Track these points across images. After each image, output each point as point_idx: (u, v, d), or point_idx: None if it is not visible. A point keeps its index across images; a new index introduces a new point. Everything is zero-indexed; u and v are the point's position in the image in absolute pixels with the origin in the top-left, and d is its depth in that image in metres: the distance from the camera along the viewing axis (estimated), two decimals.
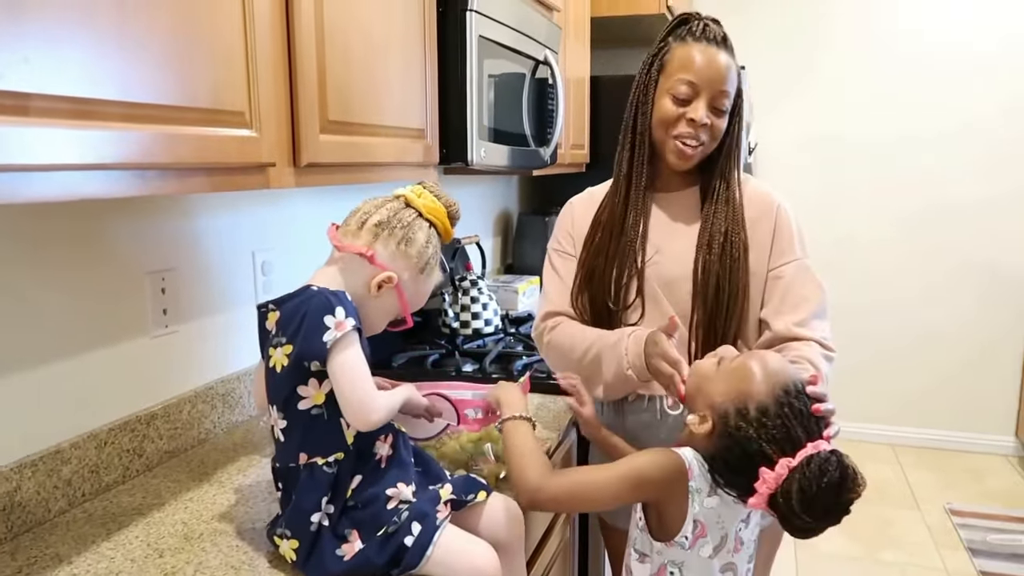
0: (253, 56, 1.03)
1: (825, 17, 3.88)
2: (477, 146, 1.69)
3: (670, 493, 1.06)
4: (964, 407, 3.96)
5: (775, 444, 1.00)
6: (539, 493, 1.06)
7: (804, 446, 0.99)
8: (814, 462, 0.97)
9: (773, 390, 1.03)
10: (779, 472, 0.98)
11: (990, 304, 3.87)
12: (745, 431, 1.02)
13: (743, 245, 1.35)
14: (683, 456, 1.07)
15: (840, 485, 0.96)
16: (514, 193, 3.37)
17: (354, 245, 1.04)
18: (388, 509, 0.98)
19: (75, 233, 1.21)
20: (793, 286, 1.35)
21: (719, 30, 1.36)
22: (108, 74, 0.80)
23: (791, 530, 1.00)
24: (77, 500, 1.20)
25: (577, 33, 2.76)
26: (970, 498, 3.43)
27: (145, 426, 1.33)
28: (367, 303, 1.05)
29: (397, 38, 1.42)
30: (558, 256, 1.51)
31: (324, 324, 0.95)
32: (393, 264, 1.05)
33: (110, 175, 0.84)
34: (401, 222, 1.05)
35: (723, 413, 1.05)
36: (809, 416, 1.03)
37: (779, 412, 1.02)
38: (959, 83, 3.76)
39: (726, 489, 1.06)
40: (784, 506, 0.97)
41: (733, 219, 1.36)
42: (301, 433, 0.99)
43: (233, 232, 1.56)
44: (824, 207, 3.97)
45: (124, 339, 1.31)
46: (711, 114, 1.33)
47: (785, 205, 1.41)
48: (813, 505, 0.96)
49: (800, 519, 0.97)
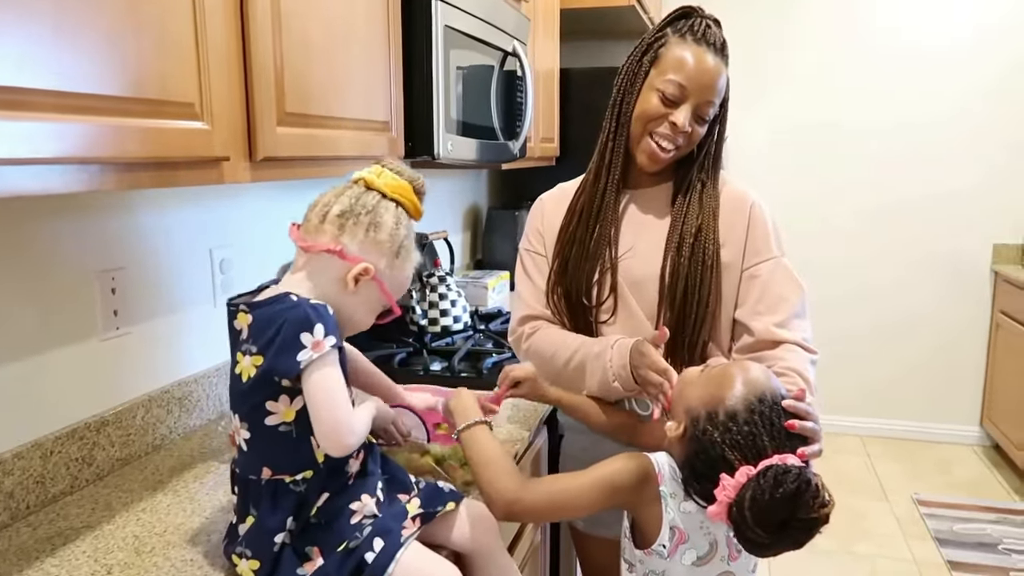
0: (204, 44, 0.98)
1: (799, 7, 3.88)
2: (444, 139, 1.64)
3: (641, 498, 1.03)
4: (930, 397, 4.01)
5: (738, 450, 0.96)
6: (516, 504, 1.01)
7: (769, 456, 0.95)
8: (771, 471, 0.92)
9: (746, 397, 1.00)
10: (738, 480, 0.94)
11: (954, 295, 3.92)
12: (711, 435, 0.99)
13: (715, 246, 1.32)
14: (653, 460, 1.04)
15: (795, 499, 0.90)
16: (483, 187, 3.32)
17: (320, 242, 0.95)
18: (351, 524, 0.94)
19: (15, 231, 1.14)
20: (770, 285, 1.31)
21: (719, 35, 1.31)
22: (41, 61, 0.74)
23: (745, 544, 0.95)
24: (20, 513, 1.14)
25: (546, 25, 2.72)
26: (937, 488, 3.47)
27: (95, 433, 1.27)
28: (347, 301, 0.97)
29: (359, 27, 1.36)
30: (529, 256, 1.47)
31: (300, 342, 0.87)
32: (365, 254, 0.96)
33: (46, 169, 0.79)
34: (365, 207, 0.96)
35: (695, 417, 1.02)
36: (780, 429, 0.98)
37: (748, 419, 0.98)
38: (924, 77, 3.79)
39: (694, 498, 1.03)
40: (738, 516, 0.93)
41: (706, 219, 1.32)
42: (266, 448, 0.93)
43: (189, 229, 1.50)
44: (792, 200, 3.98)
45: (72, 342, 1.25)
46: (694, 121, 1.30)
47: (760, 203, 1.37)
48: (765, 517, 0.91)
49: (752, 531, 0.92)
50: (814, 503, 0.91)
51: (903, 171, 3.88)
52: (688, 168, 1.37)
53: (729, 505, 0.93)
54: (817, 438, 1.01)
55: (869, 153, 3.91)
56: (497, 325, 2.26)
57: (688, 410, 1.04)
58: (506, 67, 2.06)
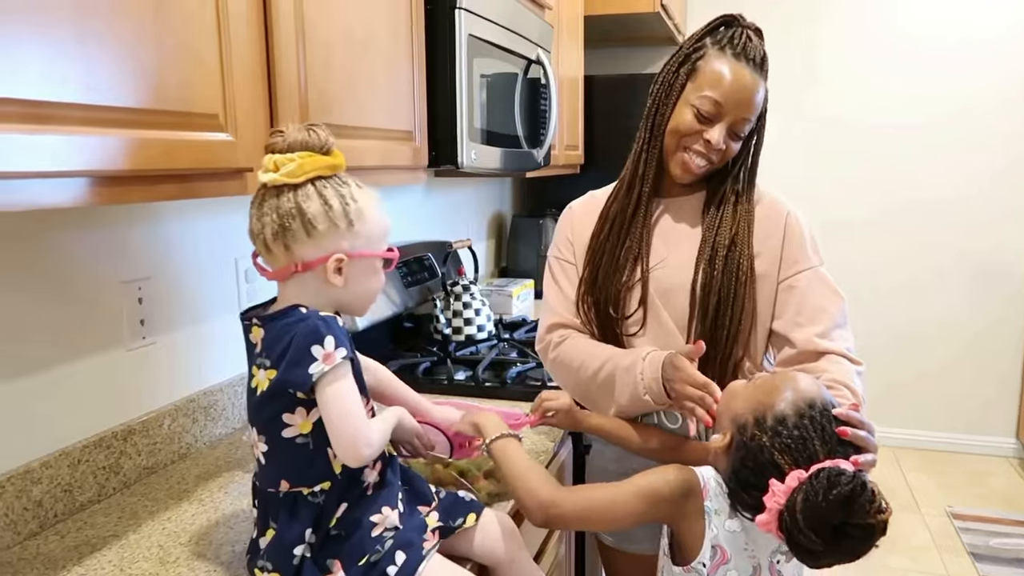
0: (228, 55, 0.98)
1: (823, 6, 3.84)
2: (468, 148, 1.64)
3: (683, 512, 1.00)
4: (964, 409, 3.92)
5: (789, 454, 0.94)
6: (553, 508, 1.00)
7: (820, 460, 0.92)
8: (824, 473, 0.89)
9: (796, 402, 0.97)
10: (789, 484, 0.90)
11: (987, 299, 3.83)
12: (759, 439, 0.96)
13: (749, 259, 1.29)
14: (698, 474, 1.02)
15: (850, 502, 0.86)
16: (508, 195, 3.32)
17: (281, 268, 0.93)
18: (372, 537, 0.93)
19: (44, 242, 1.16)
20: (808, 296, 1.28)
21: (760, 47, 1.27)
22: (66, 75, 0.75)
23: (798, 553, 0.92)
24: (48, 522, 1.15)
25: (570, 32, 2.71)
26: (971, 501, 3.39)
27: (122, 442, 1.28)
28: (346, 291, 0.94)
29: (383, 37, 1.37)
30: (558, 264, 1.45)
31: (311, 355, 0.87)
32: (324, 249, 0.91)
33: (72, 182, 0.79)
34: (288, 215, 0.89)
35: (742, 424, 1.00)
36: (832, 435, 0.96)
37: (797, 423, 0.96)
38: (950, 73, 3.71)
39: (741, 511, 1.00)
40: (789, 520, 0.89)
41: (740, 231, 1.30)
42: (284, 460, 0.93)
43: (214, 239, 1.51)
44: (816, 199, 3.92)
45: (99, 352, 1.26)
46: (728, 138, 1.27)
47: (796, 212, 1.34)
48: (819, 521, 0.87)
49: (805, 536, 0.88)
50: (870, 507, 0.88)
51: (933, 170, 3.80)
52: (723, 179, 1.34)
53: (780, 512, 0.90)
54: (871, 448, 0.98)
55: (897, 152, 3.83)
56: (522, 334, 2.25)
57: (735, 418, 1.02)
58: (530, 75, 2.05)
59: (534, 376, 1.83)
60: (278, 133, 0.92)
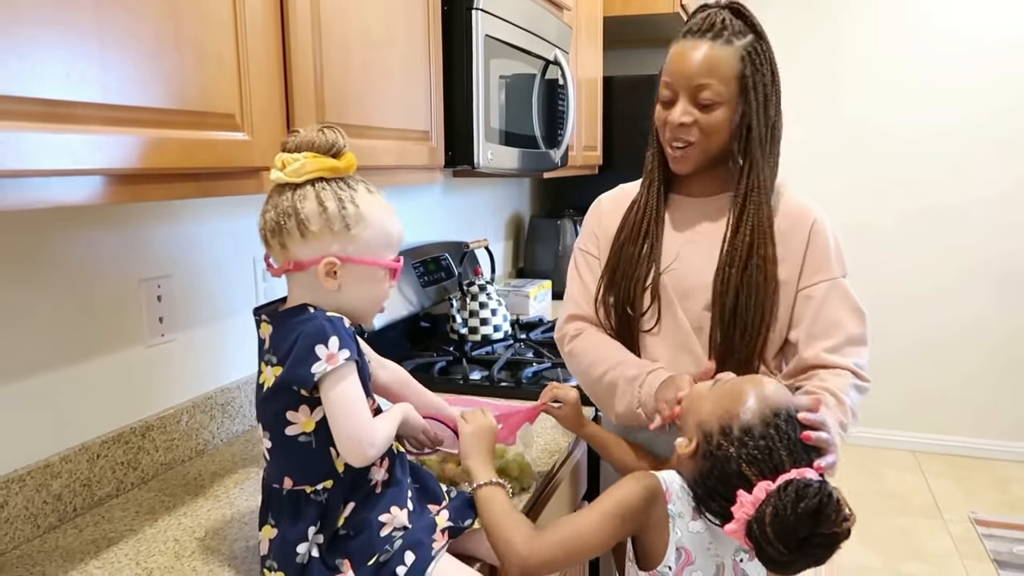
0: (245, 55, 0.99)
1: (849, 8, 3.80)
2: (484, 148, 1.64)
3: (648, 518, 1.00)
4: (989, 414, 3.87)
5: (755, 465, 0.94)
6: (529, 560, 0.96)
7: (787, 471, 0.93)
8: (792, 486, 0.90)
9: (762, 411, 0.98)
10: (756, 496, 0.91)
11: (1010, 303, 3.77)
12: (726, 449, 0.97)
13: (770, 261, 1.27)
14: (660, 478, 1.01)
15: (818, 514, 0.88)
16: (526, 195, 3.32)
17: (280, 266, 0.94)
18: (381, 536, 0.93)
19: (66, 239, 1.18)
20: (825, 308, 1.26)
21: (721, 16, 1.25)
22: (86, 75, 0.76)
23: (765, 562, 0.93)
24: (68, 516, 1.16)
25: (589, 32, 2.71)
26: (995, 507, 3.34)
27: (140, 438, 1.29)
28: (343, 295, 0.94)
29: (399, 37, 1.37)
30: (583, 256, 1.45)
31: (315, 354, 0.87)
32: (316, 252, 0.91)
33: (91, 181, 0.81)
34: (285, 214, 0.90)
35: (707, 432, 1.00)
36: (797, 442, 0.96)
37: (764, 432, 0.96)
38: (978, 75, 3.66)
39: (707, 516, 1.00)
40: (758, 532, 0.90)
41: (761, 231, 1.27)
42: (287, 457, 0.93)
43: (232, 236, 1.52)
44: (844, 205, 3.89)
45: (118, 349, 1.28)
46: (694, 109, 1.24)
47: (822, 219, 1.31)
48: (787, 533, 0.88)
49: (774, 547, 0.89)
50: (836, 517, 0.89)
51: (961, 174, 3.75)
52: (741, 176, 1.30)
53: (748, 522, 0.91)
54: (831, 449, 0.98)
55: (918, 156, 3.79)
56: (538, 334, 2.25)
57: (700, 424, 1.01)
58: (548, 76, 2.05)
59: (549, 376, 1.83)
60: (294, 132, 0.93)
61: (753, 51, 1.25)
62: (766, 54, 1.26)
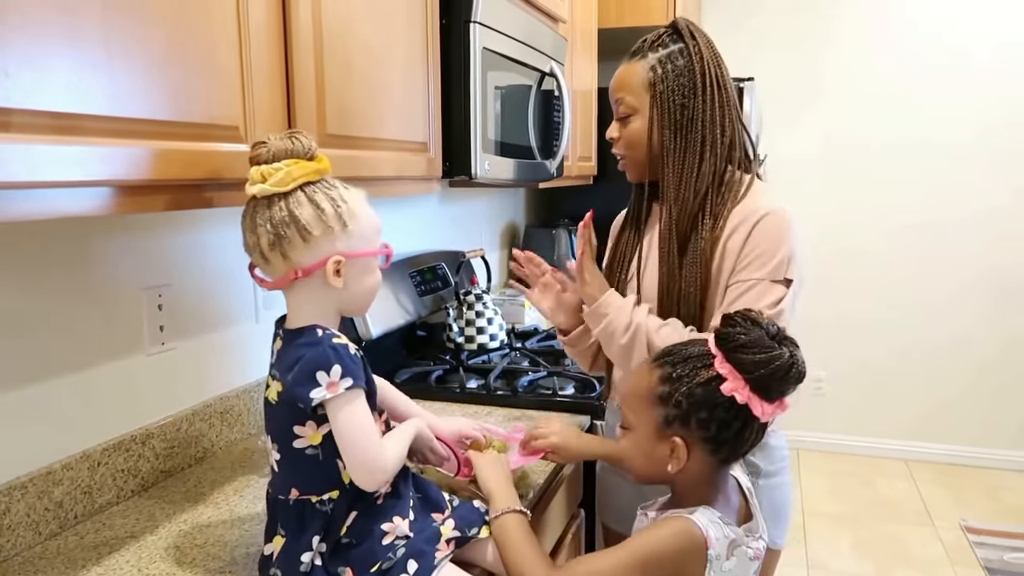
0: (249, 69, 1.01)
1: (837, 22, 3.85)
2: (481, 159, 1.66)
3: (683, 565, 0.96)
4: (980, 422, 3.90)
5: (694, 362, 1.00)
6: None
7: (713, 354, 0.99)
8: (724, 326, 0.99)
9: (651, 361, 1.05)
10: (722, 368, 0.96)
11: (1000, 315, 3.81)
12: (678, 396, 0.99)
13: (703, 262, 1.27)
14: (697, 523, 0.97)
15: (751, 316, 0.99)
16: (521, 205, 3.34)
17: (280, 277, 0.93)
18: (383, 545, 0.94)
19: (68, 248, 1.19)
20: (740, 302, 1.23)
21: (649, 36, 1.33)
22: (95, 88, 0.78)
23: (781, 381, 0.96)
24: (69, 523, 1.17)
25: (584, 44, 2.73)
26: (985, 515, 3.37)
27: (140, 445, 1.30)
28: (347, 292, 0.95)
29: (399, 50, 1.39)
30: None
31: (315, 380, 0.88)
32: (322, 253, 0.92)
33: (97, 192, 0.82)
34: (283, 223, 0.90)
35: (660, 419, 1.00)
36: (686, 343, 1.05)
37: (669, 353, 1.03)
38: (975, 89, 3.71)
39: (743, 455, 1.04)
40: (753, 370, 0.95)
41: (662, 240, 1.31)
42: (295, 469, 0.94)
43: (232, 246, 1.53)
44: (830, 216, 3.93)
45: (119, 357, 1.29)
46: (617, 124, 1.36)
47: (774, 217, 1.25)
48: (759, 343, 0.96)
49: (767, 359, 0.95)
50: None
51: (945, 188, 3.80)
52: (661, 182, 1.34)
53: (744, 380, 0.96)
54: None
55: (911, 170, 3.84)
56: (533, 343, 2.27)
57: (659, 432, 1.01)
58: (543, 87, 2.08)
59: (545, 385, 1.85)
60: (261, 144, 0.92)
61: (667, 59, 1.29)
62: (688, 62, 1.29)
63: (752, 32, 3.87)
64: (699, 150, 1.29)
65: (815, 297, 3.85)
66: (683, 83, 1.28)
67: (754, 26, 3.89)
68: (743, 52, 3.80)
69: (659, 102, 1.29)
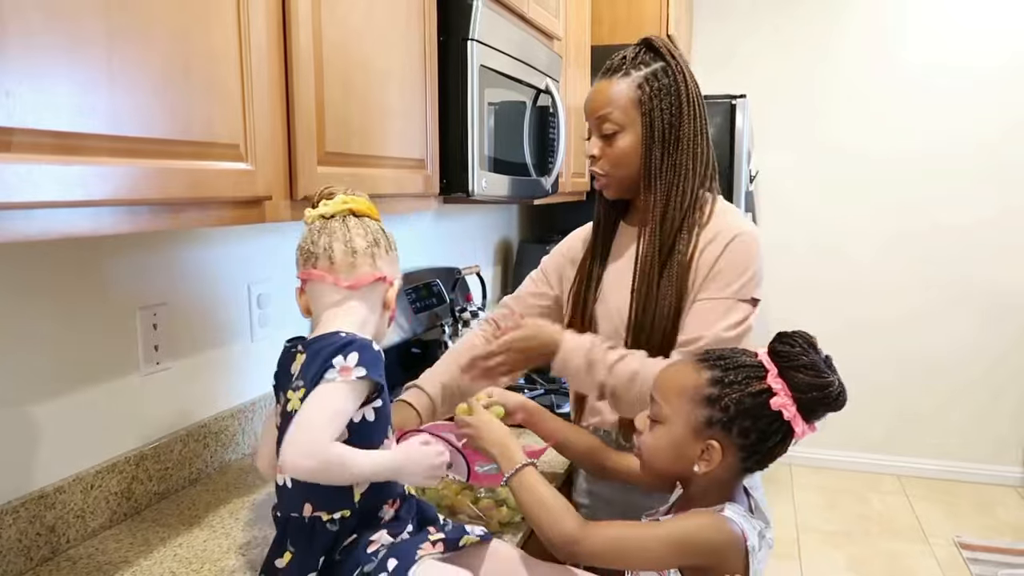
0: (249, 87, 1.00)
1: (828, 36, 3.89)
2: (478, 176, 1.66)
3: (724, 559, 0.96)
4: (973, 438, 3.91)
5: (745, 372, 0.99)
6: (579, 545, 0.97)
7: (757, 356, 1.00)
8: (779, 342, 0.99)
9: (696, 360, 1.04)
10: (772, 383, 0.97)
11: (993, 327, 3.83)
12: (727, 400, 0.98)
13: (677, 288, 1.29)
14: (731, 520, 0.97)
15: (808, 337, 1.00)
16: (514, 222, 3.34)
17: (364, 277, 1.00)
18: (367, 553, 0.93)
19: (63, 267, 1.17)
20: (697, 319, 1.26)
21: (626, 53, 1.34)
22: (96, 107, 0.77)
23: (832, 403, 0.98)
24: (61, 547, 1.15)
25: (578, 61, 2.74)
26: (979, 531, 3.37)
27: (134, 467, 1.28)
28: (386, 315, 1.05)
29: (397, 68, 1.39)
30: (537, 270, 1.59)
31: (331, 363, 0.90)
32: (392, 270, 1.05)
33: (98, 211, 0.81)
34: (378, 231, 1.03)
35: (706, 417, 0.99)
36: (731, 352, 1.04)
37: (721, 357, 1.02)
38: (961, 102, 3.76)
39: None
40: (806, 394, 0.96)
41: (647, 263, 1.31)
42: (310, 485, 0.91)
43: (227, 265, 1.52)
44: (820, 226, 3.94)
45: (114, 377, 1.27)
46: (600, 142, 1.34)
47: (746, 238, 1.29)
48: (815, 366, 0.97)
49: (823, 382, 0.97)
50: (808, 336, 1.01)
51: (937, 199, 3.83)
52: (648, 201, 1.34)
53: (795, 399, 0.96)
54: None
55: (900, 180, 3.87)
56: None
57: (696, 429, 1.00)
58: (539, 104, 2.08)
59: (542, 402, 1.83)
60: (329, 188, 1.05)
61: (653, 77, 1.31)
62: (672, 80, 1.31)
63: (745, 47, 3.90)
64: (685, 168, 1.32)
65: (805, 311, 3.87)
66: (671, 101, 1.31)
67: (747, 42, 3.92)
68: (736, 67, 3.84)
69: (649, 120, 1.31)
